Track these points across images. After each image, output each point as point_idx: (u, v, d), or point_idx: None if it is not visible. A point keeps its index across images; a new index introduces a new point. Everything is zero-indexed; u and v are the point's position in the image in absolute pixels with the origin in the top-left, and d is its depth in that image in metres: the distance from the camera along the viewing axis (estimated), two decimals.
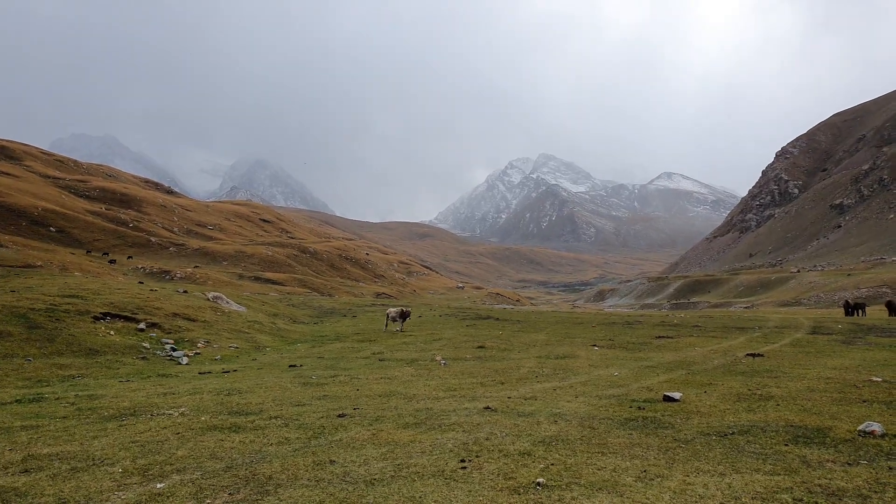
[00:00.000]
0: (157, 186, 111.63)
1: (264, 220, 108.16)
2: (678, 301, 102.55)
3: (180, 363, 17.54)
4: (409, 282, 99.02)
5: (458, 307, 49.26)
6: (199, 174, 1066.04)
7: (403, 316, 27.62)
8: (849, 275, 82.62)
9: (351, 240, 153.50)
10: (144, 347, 18.69)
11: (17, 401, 11.17)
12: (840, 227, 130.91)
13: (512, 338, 23.61)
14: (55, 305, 20.27)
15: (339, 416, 9.33)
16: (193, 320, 23.56)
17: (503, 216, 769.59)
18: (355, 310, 40.71)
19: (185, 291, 30.56)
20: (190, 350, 19.46)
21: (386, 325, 27.80)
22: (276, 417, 9.30)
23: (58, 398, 11.37)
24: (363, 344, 22.59)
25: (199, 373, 15.51)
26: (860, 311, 39.85)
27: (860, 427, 7.92)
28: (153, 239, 67.40)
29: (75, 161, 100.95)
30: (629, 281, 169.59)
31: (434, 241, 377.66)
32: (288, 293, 54.47)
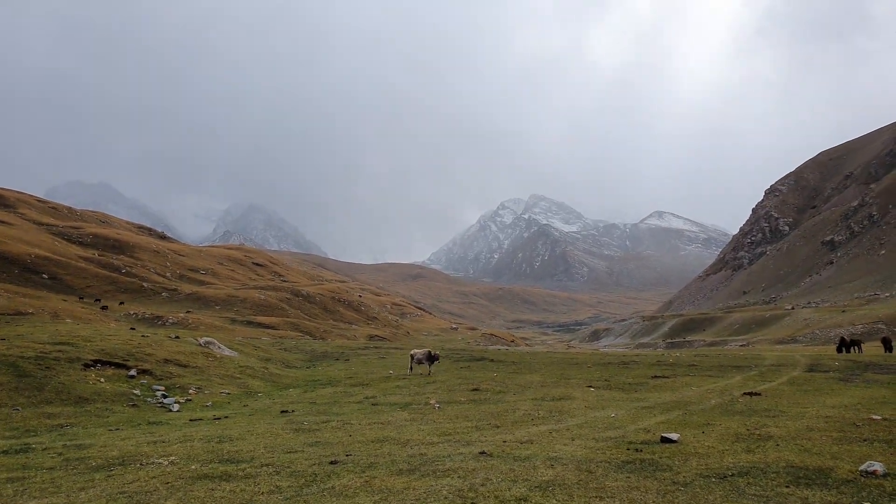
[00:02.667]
0: (150, 232, 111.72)
1: (257, 264, 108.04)
2: (673, 340, 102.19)
3: (171, 410, 17.26)
4: (402, 323, 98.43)
5: (452, 348, 48.90)
6: (192, 219, 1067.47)
7: (431, 359, 26.24)
8: (843, 311, 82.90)
9: (344, 282, 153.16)
10: (135, 394, 18.40)
11: (3, 452, 10.93)
12: (832, 263, 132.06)
13: (507, 379, 23.40)
14: (45, 353, 20.01)
15: (332, 462, 9.18)
16: (185, 366, 23.27)
17: (496, 256, 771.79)
18: (348, 353, 40.36)
19: (177, 337, 30.26)
20: (181, 397, 19.17)
21: (410, 368, 26.62)
22: (267, 465, 9.14)
23: (45, 448, 11.14)
24: (356, 388, 22.33)
25: (190, 420, 15.26)
26: (856, 348, 39.83)
27: (862, 467, 7.85)
28: (146, 284, 67.07)
29: (69, 208, 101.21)
30: (623, 320, 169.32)
31: (427, 282, 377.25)
32: (280, 337, 53.98)
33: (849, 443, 9.87)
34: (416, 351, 26.93)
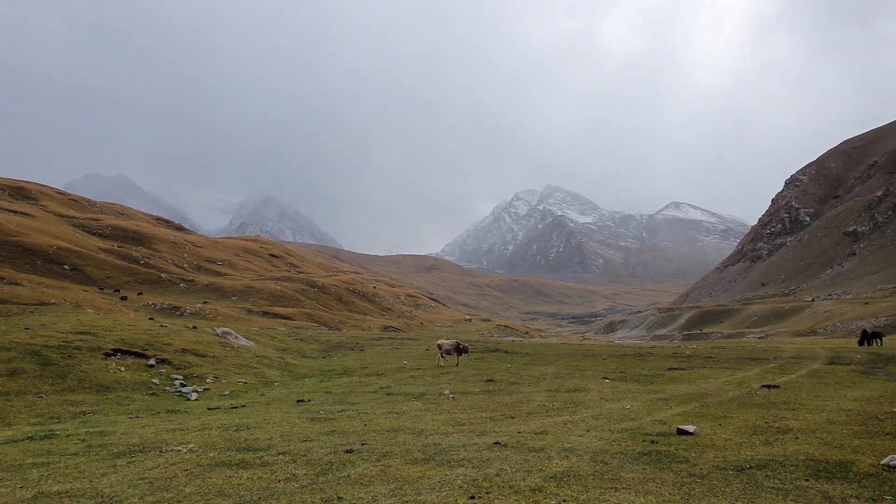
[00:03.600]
0: (167, 224, 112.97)
1: (273, 256, 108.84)
2: (690, 332, 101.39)
3: (189, 399, 17.52)
4: (416, 315, 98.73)
5: (466, 340, 48.96)
6: (209, 211, 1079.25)
7: (459, 350, 26.06)
8: (866, 303, 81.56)
9: (358, 273, 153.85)
10: (154, 383, 18.70)
11: (28, 438, 11.19)
12: (854, 254, 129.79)
13: (521, 371, 23.42)
14: (68, 342, 20.40)
15: (347, 451, 9.26)
16: (202, 356, 23.59)
17: (510, 248, 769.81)
18: (363, 343, 40.61)
19: (195, 327, 30.66)
20: (199, 386, 19.45)
21: (438, 360, 26.63)
22: (283, 453, 9.25)
23: (69, 435, 11.38)
24: (371, 378, 22.49)
25: (208, 408, 15.49)
26: (879, 341, 39.20)
27: (884, 461, 7.74)
28: (164, 275, 67.93)
29: (89, 200, 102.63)
30: (639, 312, 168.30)
31: (441, 274, 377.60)
32: (296, 327, 54.45)
33: (870, 436, 9.74)
34: (444, 341, 26.92)
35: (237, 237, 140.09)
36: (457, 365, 25.60)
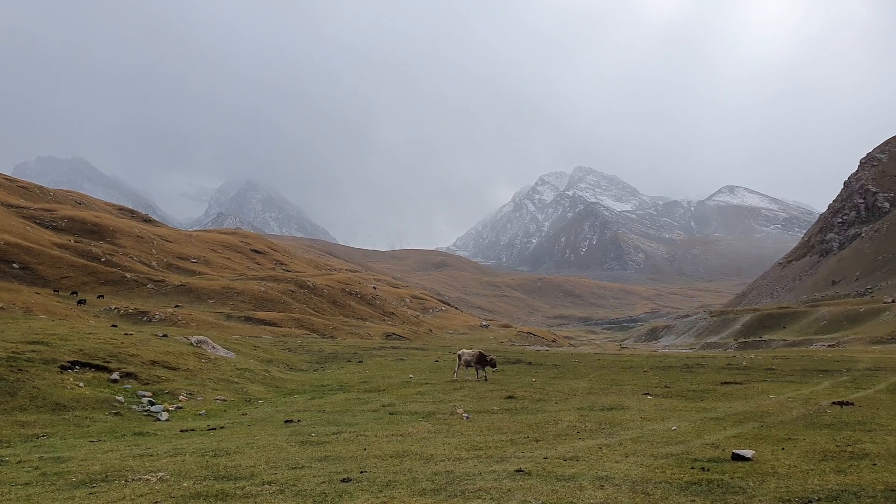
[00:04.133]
0: (132, 214, 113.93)
1: (256, 251, 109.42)
2: (747, 339, 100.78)
3: (159, 419, 17.66)
4: (424, 320, 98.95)
5: (483, 350, 48.95)
6: (180, 199, 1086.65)
7: (483, 361, 25.55)
8: None
9: (356, 272, 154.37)
10: (118, 401, 18.86)
11: None
12: None
13: (547, 386, 23.41)
14: (17, 353, 20.62)
15: (344, 480, 9.29)
16: (174, 369, 23.77)
17: (534, 241, 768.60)
18: (361, 354, 40.75)
19: (165, 335, 30.90)
20: (170, 404, 19.59)
21: (455, 372, 26.30)
22: (269, 483, 9.29)
23: (20, 461, 11.50)
24: (371, 394, 22.56)
25: (181, 430, 15.60)
26: None
27: None
28: (128, 275, 68.50)
29: (41, 187, 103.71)
30: (687, 316, 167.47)
31: (453, 272, 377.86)
32: (283, 335, 54.73)
33: None
34: (465, 351, 26.62)
35: (214, 230, 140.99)
36: (484, 380, 25.22)
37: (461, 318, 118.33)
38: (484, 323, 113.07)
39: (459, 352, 26.73)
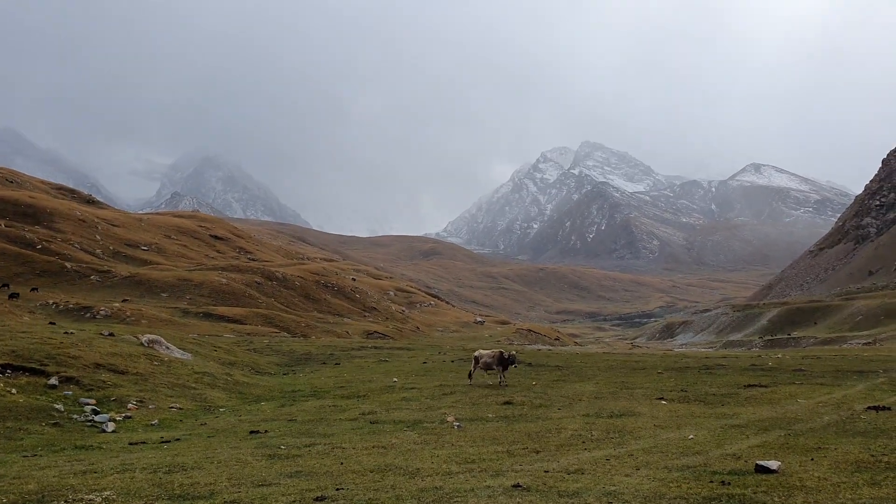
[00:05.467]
0: (73, 194, 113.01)
1: (216, 237, 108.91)
2: (774, 336, 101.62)
3: (105, 430, 17.58)
4: (410, 316, 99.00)
5: (478, 348, 49.06)
6: (128, 177, 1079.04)
7: (504, 362, 25.19)
8: None
9: (332, 261, 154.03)
10: (57, 410, 18.76)
11: None
12: None
13: (549, 390, 23.52)
14: None
15: (318, 499, 9.30)
16: (122, 373, 23.66)
17: (535, 226, 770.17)
18: (338, 355, 40.73)
19: (112, 334, 30.72)
20: (118, 413, 19.51)
21: (471, 375, 25.93)
22: (232, 502, 9.29)
23: None
24: (349, 401, 22.57)
25: (130, 443, 15.55)
26: None
27: None
28: (69, 265, 68.01)
29: None
30: (707, 311, 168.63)
31: (443, 261, 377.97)
32: (249, 334, 54.60)
33: None
34: (483, 352, 26.28)
35: (168, 212, 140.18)
36: (503, 384, 24.99)
37: (453, 313, 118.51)
38: (479, 319, 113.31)
39: (476, 353, 26.43)
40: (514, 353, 26.40)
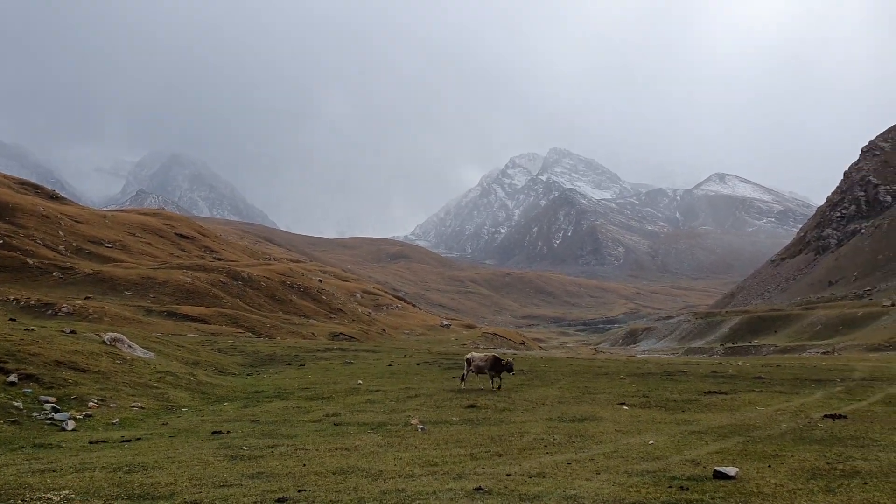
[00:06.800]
0: (37, 190, 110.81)
1: (182, 236, 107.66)
2: (735, 344, 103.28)
3: (65, 429, 17.35)
4: (376, 318, 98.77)
5: (443, 352, 49.16)
6: (94, 174, 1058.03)
7: (498, 367, 24.63)
8: None
9: (298, 262, 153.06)
10: (16, 407, 18.46)
11: None
12: None
13: (513, 393, 23.63)
14: None
15: (279, 500, 9.26)
16: (83, 371, 23.31)
17: (503, 231, 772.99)
18: (303, 356, 40.55)
19: (74, 332, 30.26)
20: (78, 411, 19.25)
21: (463, 379, 25.34)
22: (193, 503, 9.21)
23: None
24: (313, 403, 22.50)
25: (90, 442, 15.36)
26: None
27: None
28: (31, 261, 66.78)
29: None
30: (669, 317, 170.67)
31: (410, 264, 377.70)
32: (213, 333, 54.12)
33: None
34: (476, 355, 25.76)
35: (133, 210, 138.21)
36: (496, 389, 24.59)
37: (419, 316, 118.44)
38: (445, 322, 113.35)
39: (468, 356, 25.90)
40: (511, 360, 25.69)
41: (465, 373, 25.47)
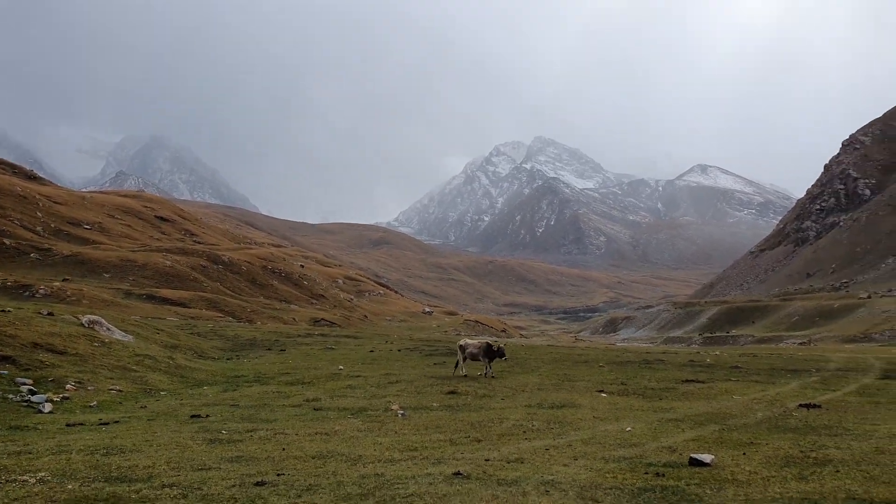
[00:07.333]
0: (13, 170, 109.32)
1: (162, 219, 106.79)
2: (713, 334, 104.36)
3: (41, 411, 17.22)
4: (358, 304, 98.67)
5: (424, 339, 49.25)
6: (73, 155, 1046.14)
7: (491, 353, 24.61)
8: None
9: (280, 247, 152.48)
10: None
11: None
12: None
13: (494, 380, 23.74)
14: None
15: (258, 484, 9.26)
16: (61, 353, 23.12)
17: (486, 219, 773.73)
18: (284, 341, 40.46)
19: (51, 313, 29.98)
20: (55, 393, 19.10)
21: (457, 366, 25.25)
22: (170, 486, 9.19)
23: None
24: (293, 388, 22.48)
25: (68, 424, 15.25)
26: None
27: None
28: (7, 241, 66.01)
29: None
30: (650, 307, 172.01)
31: (393, 251, 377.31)
32: (192, 317, 53.83)
33: None
34: (469, 341, 25.74)
35: (112, 192, 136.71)
36: (489, 375, 24.64)
37: (401, 303, 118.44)
38: (427, 309, 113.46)
39: (461, 343, 25.84)
40: (502, 345, 25.81)
41: (460, 359, 25.34)
